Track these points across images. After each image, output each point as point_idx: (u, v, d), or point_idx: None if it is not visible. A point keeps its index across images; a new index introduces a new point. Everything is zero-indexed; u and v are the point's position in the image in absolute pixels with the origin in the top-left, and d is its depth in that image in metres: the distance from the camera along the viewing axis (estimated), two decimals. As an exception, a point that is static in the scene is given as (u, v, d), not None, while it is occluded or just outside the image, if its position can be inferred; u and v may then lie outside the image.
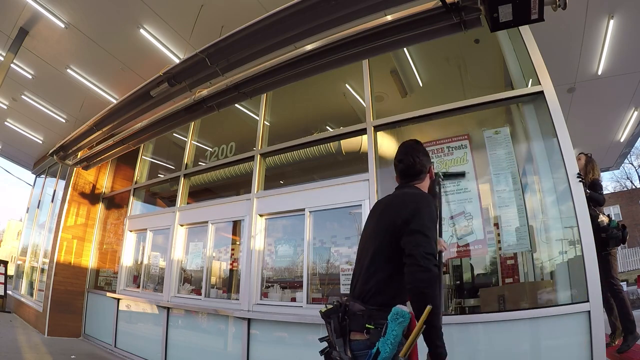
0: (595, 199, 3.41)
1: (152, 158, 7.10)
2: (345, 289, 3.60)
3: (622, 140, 7.31)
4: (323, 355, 1.64)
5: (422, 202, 1.59)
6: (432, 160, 1.84)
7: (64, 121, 7.29)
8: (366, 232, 1.77)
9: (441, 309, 1.49)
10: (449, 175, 3.27)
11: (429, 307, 1.30)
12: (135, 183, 6.70)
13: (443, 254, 1.94)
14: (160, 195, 6.81)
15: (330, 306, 1.57)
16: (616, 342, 3.37)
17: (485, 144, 3.31)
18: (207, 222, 4.97)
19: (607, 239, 3.29)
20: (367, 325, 1.43)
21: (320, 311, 1.60)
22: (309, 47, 3.25)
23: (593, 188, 3.50)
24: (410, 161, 1.74)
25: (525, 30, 3.29)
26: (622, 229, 3.33)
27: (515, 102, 3.37)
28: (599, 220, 3.34)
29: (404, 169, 1.77)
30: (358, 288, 1.60)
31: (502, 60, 3.70)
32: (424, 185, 1.79)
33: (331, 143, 4.38)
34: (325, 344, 1.65)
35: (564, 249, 2.91)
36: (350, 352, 1.44)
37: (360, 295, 1.55)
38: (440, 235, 2.08)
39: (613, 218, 3.45)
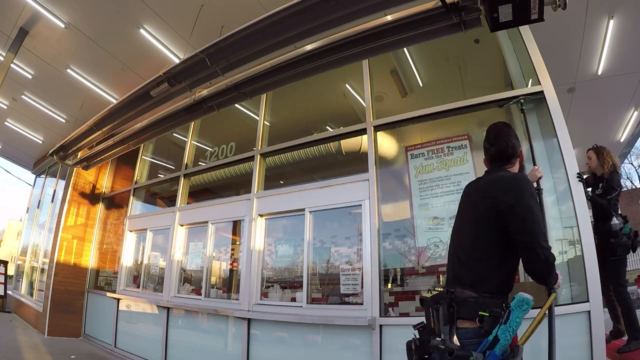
0: (599, 205, 3.25)
1: (152, 158, 7.10)
2: (345, 289, 3.60)
3: (622, 140, 7.31)
4: (414, 345, 1.53)
5: (524, 184, 1.56)
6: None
7: (64, 121, 7.29)
8: (463, 214, 1.74)
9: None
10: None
11: (553, 295, 1.53)
12: (135, 183, 6.70)
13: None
14: (160, 195, 6.81)
15: (434, 292, 1.53)
16: (612, 342, 3.37)
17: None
18: (207, 222, 4.97)
19: (615, 245, 3.16)
20: (480, 313, 1.38)
21: (423, 297, 1.54)
22: (309, 47, 3.25)
23: (612, 181, 3.27)
24: (503, 144, 1.69)
25: (525, 30, 3.29)
26: (634, 236, 3.19)
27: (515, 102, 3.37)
28: (611, 222, 3.19)
29: (495, 152, 1.72)
30: (464, 274, 1.54)
31: (502, 60, 3.70)
32: (515, 169, 1.75)
33: (331, 143, 4.38)
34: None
35: (564, 249, 2.91)
36: (457, 340, 1.39)
37: (467, 282, 1.50)
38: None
39: (628, 223, 3.23)
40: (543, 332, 1.60)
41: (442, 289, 1.54)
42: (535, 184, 1.81)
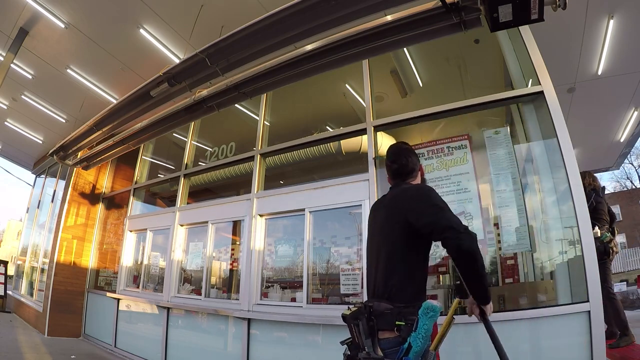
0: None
1: (152, 158, 7.10)
2: (345, 289, 3.60)
3: (622, 140, 7.31)
4: (345, 358, 1.60)
5: (427, 190, 1.67)
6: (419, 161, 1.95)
7: (64, 121, 7.29)
8: (373, 231, 1.82)
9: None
10: None
11: (456, 301, 1.53)
12: (135, 183, 6.70)
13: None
14: (160, 195, 6.81)
15: (353, 309, 1.58)
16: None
17: (485, 144, 3.31)
18: (207, 222, 4.97)
19: (602, 248, 3.48)
20: (397, 323, 1.46)
21: (344, 314, 1.60)
22: (309, 47, 3.25)
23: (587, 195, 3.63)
24: (404, 161, 1.84)
25: (525, 30, 3.29)
26: (607, 244, 3.55)
27: (515, 102, 3.37)
28: (593, 231, 3.46)
29: (397, 169, 1.86)
30: (379, 287, 1.62)
31: (502, 60, 3.70)
32: (416, 182, 1.90)
33: (331, 143, 4.38)
34: (343, 348, 1.63)
35: (564, 249, 2.91)
36: (380, 350, 1.46)
37: (383, 294, 1.58)
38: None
39: (607, 233, 3.62)
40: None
41: (360, 305, 1.60)
42: None
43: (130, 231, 6.27)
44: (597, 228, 3.56)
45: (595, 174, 4.11)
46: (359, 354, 1.50)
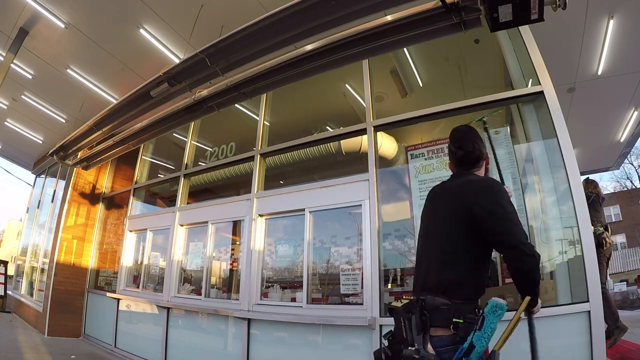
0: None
1: (152, 158, 7.10)
2: (345, 289, 3.60)
3: (622, 140, 7.31)
4: (384, 356, 1.53)
5: (497, 188, 1.54)
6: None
7: (64, 121, 7.29)
8: (430, 220, 1.69)
9: None
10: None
11: (527, 299, 1.36)
12: (135, 183, 6.70)
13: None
14: (160, 195, 6.81)
15: (404, 301, 1.50)
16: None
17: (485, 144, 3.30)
18: (207, 222, 4.96)
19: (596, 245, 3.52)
20: (454, 320, 1.35)
21: (394, 306, 1.50)
22: (309, 47, 3.25)
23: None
24: (470, 147, 1.68)
25: (525, 30, 3.29)
26: (599, 235, 3.64)
27: (515, 102, 3.37)
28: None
29: (463, 155, 1.69)
30: (432, 280, 1.50)
31: (502, 60, 3.70)
32: (481, 173, 1.72)
33: (331, 143, 4.38)
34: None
35: (564, 249, 2.91)
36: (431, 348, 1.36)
37: (438, 288, 1.46)
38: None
39: (600, 227, 3.74)
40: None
41: (411, 298, 1.51)
42: None
43: (130, 231, 6.27)
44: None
45: (595, 175, 4.21)
46: (405, 350, 1.38)
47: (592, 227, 3.55)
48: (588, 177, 4.23)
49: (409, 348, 1.37)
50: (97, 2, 4.31)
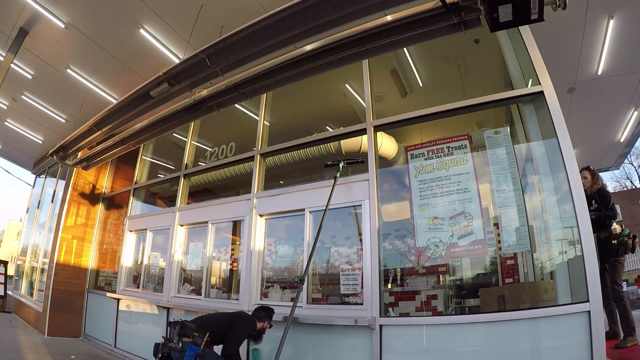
0: (602, 218, 3.54)
1: (152, 158, 7.10)
2: (345, 289, 3.61)
3: (622, 140, 7.31)
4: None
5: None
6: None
7: (64, 121, 7.29)
8: None
9: None
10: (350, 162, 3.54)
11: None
12: (135, 183, 6.70)
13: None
14: (160, 196, 6.81)
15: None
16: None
17: (485, 144, 3.31)
18: (207, 222, 4.96)
19: (617, 245, 3.44)
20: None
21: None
22: (309, 47, 3.25)
23: (604, 197, 3.61)
24: None
25: (525, 30, 3.29)
26: (633, 238, 3.48)
27: (515, 102, 3.37)
28: (612, 227, 3.52)
29: None
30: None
31: (502, 60, 3.70)
32: None
33: (331, 143, 4.37)
34: None
35: (564, 249, 2.91)
36: None
37: None
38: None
39: (624, 228, 3.60)
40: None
41: None
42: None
43: (130, 231, 6.27)
44: (615, 224, 3.56)
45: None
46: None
47: (618, 227, 3.55)
48: (589, 166, 3.92)
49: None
50: (97, 2, 4.31)
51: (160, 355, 2.73)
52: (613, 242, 3.44)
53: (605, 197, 3.61)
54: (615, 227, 3.53)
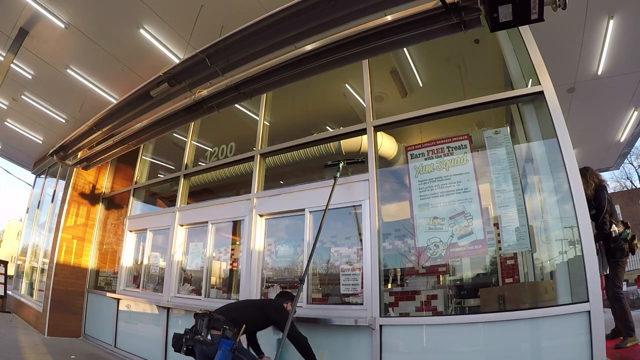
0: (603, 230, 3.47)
1: (152, 158, 7.10)
2: (345, 289, 3.61)
3: (622, 140, 7.31)
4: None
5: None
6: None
7: (64, 121, 7.29)
8: None
9: None
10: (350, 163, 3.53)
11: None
12: (135, 183, 6.70)
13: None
14: (160, 196, 6.81)
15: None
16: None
17: (485, 144, 3.31)
18: (207, 222, 4.96)
19: (614, 249, 3.42)
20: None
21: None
22: (309, 48, 3.25)
23: (598, 201, 3.53)
24: None
25: (525, 30, 3.29)
26: (632, 239, 3.45)
27: (515, 102, 3.37)
28: (611, 229, 3.45)
29: None
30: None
31: (502, 60, 3.70)
32: None
33: (331, 143, 4.37)
34: None
35: (564, 249, 2.91)
36: None
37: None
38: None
39: (628, 229, 3.49)
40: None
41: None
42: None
43: (130, 231, 6.27)
44: (614, 226, 3.46)
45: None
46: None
47: (617, 228, 3.43)
48: (586, 167, 3.78)
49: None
50: (97, 2, 4.31)
51: (185, 348, 2.60)
52: (611, 245, 3.42)
53: (599, 202, 3.54)
54: (615, 228, 3.45)
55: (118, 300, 5.90)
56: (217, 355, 2.49)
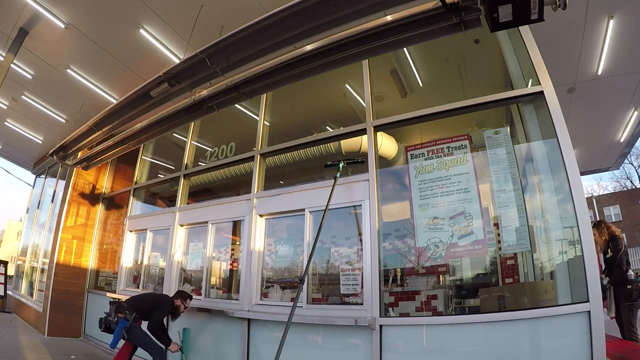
0: (620, 269, 3.81)
1: (152, 158, 7.10)
2: (345, 289, 3.60)
3: (622, 140, 7.31)
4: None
5: None
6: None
7: (64, 121, 7.29)
8: None
9: None
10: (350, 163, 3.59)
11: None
12: (135, 183, 6.70)
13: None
14: (160, 196, 6.81)
15: None
16: None
17: (485, 144, 3.31)
18: (207, 222, 4.96)
19: (631, 290, 3.74)
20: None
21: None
22: (309, 48, 3.25)
23: (615, 246, 3.88)
24: None
25: (525, 30, 3.29)
26: None
27: (515, 102, 3.37)
28: (627, 273, 3.82)
29: None
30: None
31: (502, 60, 3.70)
32: None
33: (331, 143, 4.38)
34: None
35: (564, 249, 2.91)
36: None
37: None
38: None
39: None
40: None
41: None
42: None
43: (130, 231, 6.27)
44: (630, 270, 3.80)
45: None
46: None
47: (632, 272, 3.81)
48: (600, 220, 4.27)
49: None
50: (97, 2, 4.31)
51: (103, 327, 3.62)
52: (628, 287, 3.70)
53: (615, 242, 3.90)
54: (631, 272, 3.78)
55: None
56: (115, 331, 3.56)
